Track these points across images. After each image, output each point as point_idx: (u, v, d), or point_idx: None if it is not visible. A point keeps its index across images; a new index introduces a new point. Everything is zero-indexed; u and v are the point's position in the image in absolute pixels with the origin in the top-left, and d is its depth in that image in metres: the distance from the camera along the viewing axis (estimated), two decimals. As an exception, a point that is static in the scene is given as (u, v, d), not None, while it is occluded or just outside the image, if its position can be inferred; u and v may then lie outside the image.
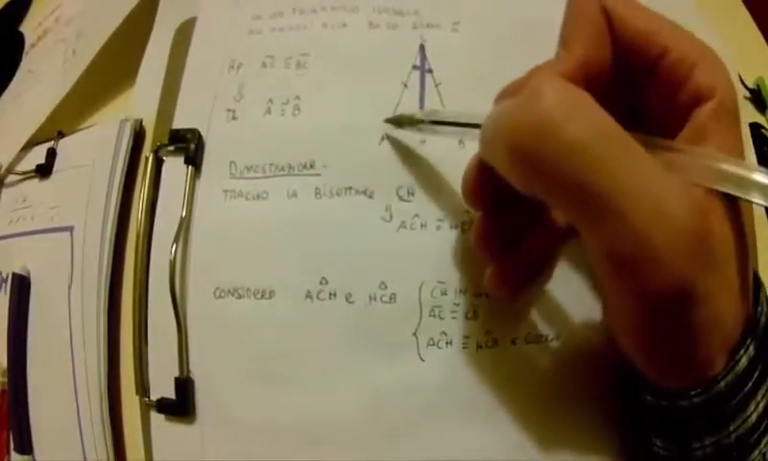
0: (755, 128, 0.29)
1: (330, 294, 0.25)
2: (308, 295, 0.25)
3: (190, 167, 0.26)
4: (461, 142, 0.26)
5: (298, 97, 0.26)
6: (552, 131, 0.15)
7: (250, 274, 0.25)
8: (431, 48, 0.27)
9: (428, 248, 0.25)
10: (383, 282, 0.25)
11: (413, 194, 0.25)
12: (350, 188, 0.25)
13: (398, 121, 0.25)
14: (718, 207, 0.17)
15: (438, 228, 0.25)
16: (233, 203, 0.26)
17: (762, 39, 0.32)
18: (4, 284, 0.32)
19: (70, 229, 0.30)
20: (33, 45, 0.38)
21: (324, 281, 0.25)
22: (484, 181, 0.20)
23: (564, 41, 0.20)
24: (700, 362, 0.17)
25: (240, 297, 0.25)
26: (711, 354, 0.17)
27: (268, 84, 0.27)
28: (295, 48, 0.27)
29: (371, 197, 0.25)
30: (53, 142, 0.33)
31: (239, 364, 0.25)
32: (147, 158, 0.27)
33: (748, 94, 0.30)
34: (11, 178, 0.34)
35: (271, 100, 0.27)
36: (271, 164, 0.26)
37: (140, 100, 0.29)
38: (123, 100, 0.33)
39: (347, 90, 0.26)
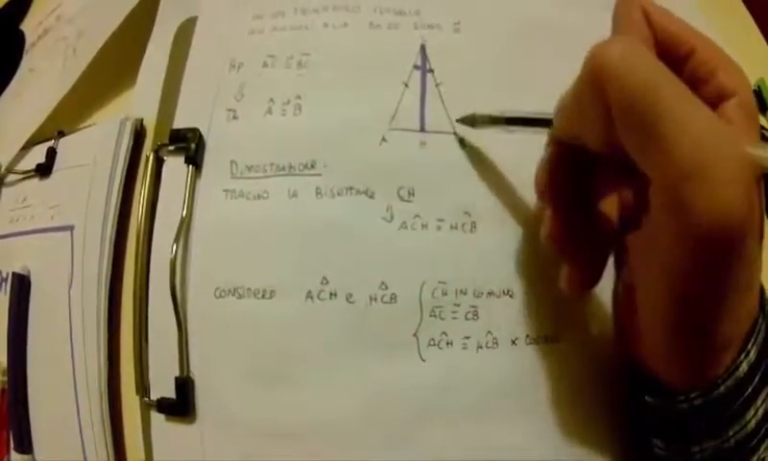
0: None
1: (331, 294, 0.25)
2: (309, 295, 0.25)
3: (191, 167, 0.26)
4: (462, 142, 0.26)
5: (299, 97, 0.26)
6: (636, 64, 0.17)
7: (250, 274, 0.25)
8: (432, 48, 0.27)
9: (429, 248, 0.25)
10: (383, 283, 0.25)
11: (413, 194, 0.25)
12: (351, 188, 0.25)
13: (472, 121, 0.25)
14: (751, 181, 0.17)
15: (438, 228, 0.25)
16: (234, 202, 0.26)
17: (763, 40, 0.32)
18: (4, 284, 0.32)
19: (70, 228, 0.30)
20: (33, 44, 0.38)
21: (324, 281, 0.25)
22: (557, 177, 0.22)
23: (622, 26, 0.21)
24: (717, 349, 0.18)
25: (240, 297, 0.25)
26: (728, 341, 0.18)
27: (269, 84, 0.27)
28: (296, 48, 0.27)
29: (371, 197, 0.25)
30: (53, 141, 0.33)
31: (239, 364, 0.25)
32: (147, 158, 0.27)
33: None
34: (11, 177, 0.34)
35: (272, 100, 0.27)
36: (272, 164, 0.26)
37: (141, 99, 0.29)
38: (123, 99, 0.33)
39: (348, 90, 0.27)
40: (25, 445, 0.30)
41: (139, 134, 0.30)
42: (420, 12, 0.27)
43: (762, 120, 0.30)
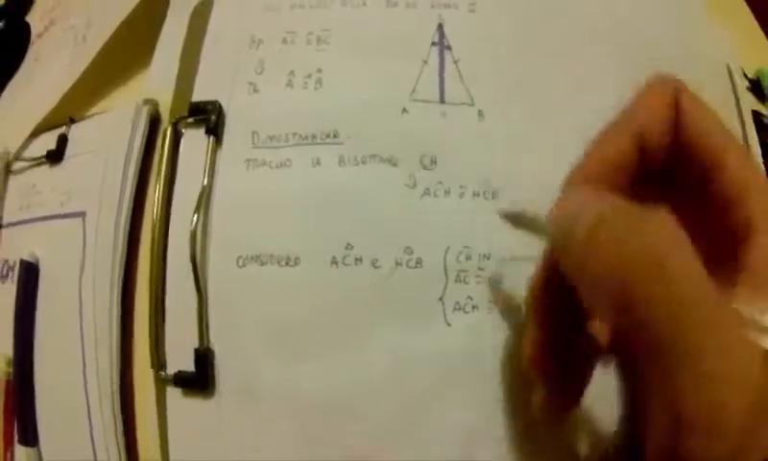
0: (756, 116, 0.30)
1: (356, 259, 0.25)
2: (333, 261, 0.25)
3: (211, 138, 0.26)
4: (480, 114, 0.27)
5: (320, 70, 0.27)
6: (662, 278, 0.14)
7: (273, 241, 0.25)
8: (449, 27, 0.28)
9: (452, 214, 0.25)
10: (408, 247, 0.25)
11: (435, 162, 0.26)
12: (374, 156, 0.26)
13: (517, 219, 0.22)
14: None
15: (461, 195, 0.26)
16: (256, 172, 0.26)
17: (761, 31, 0.33)
18: (11, 272, 0.31)
19: (82, 214, 0.29)
20: (39, 35, 0.37)
21: (349, 247, 0.25)
22: (544, 299, 0.20)
23: (630, 110, 0.19)
24: None
25: (263, 264, 0.25)
26: None
27: (289, 59, 0.27)
28: (315, 25, 0.28)
29: (395, 165, 0.26)
30: (64, 128, 0.32)
31: (261, 333, 0.25)
32: (165, 131, 0.27)
33: (748, 84, 0.32)
34: (20, 164, 0.33)
35: (292, 73, 0.27)
36: (294, 134, 0.26)
37: (157, 75, 0.29)
38: (132, 86, 0.33)
39: (368, 65, 0.27)
40: (30, 437, 0.29)
41: (155, 120, 0.30)
42: (437, -7, 0.28)
43: (762, 108, 0.31)
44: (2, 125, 0.36)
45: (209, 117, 0.26)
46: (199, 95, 0.28)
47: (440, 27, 0.28)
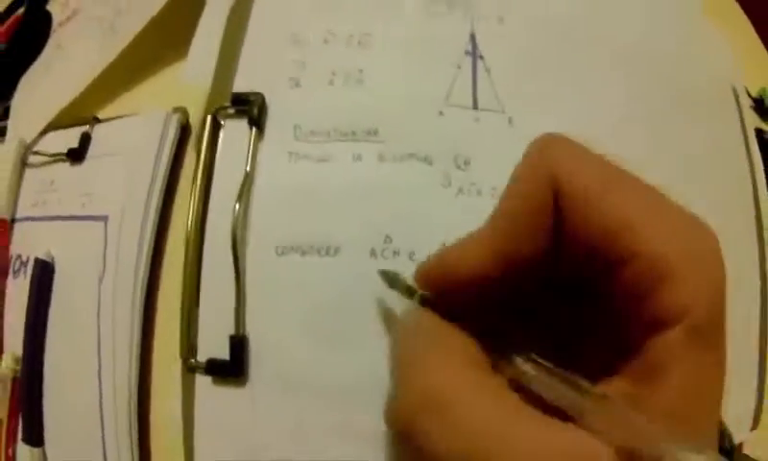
0: (759, 134, 0.32)
1: (394, 252, 0.25)
2: (372, 252, 0.25)
3: (254, 128, 0.27)
4: (510, 121, 0.28)
5: (360, 70, 0.28)
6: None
7: (314, 231, 0.26)
8: (481, 37, 0.29)
9: (484, 212, 0.26)
10: (443, 243, 0.26)
11: (468, 164, 0.27)
12: (413, 155, 0.27)
13: None
14: None
15: (492, 195, 0.27)
16: (298, 164, 0.26)
17: (764, 49, 0.36)
18: (23, 268, 0.31)
19: (104, 218, 0.29)
20: (61, 24, 0.37)
21: (388, 240, 0.26)
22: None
23: (493, 224, 0.17)
24: None
25: (304, 253, 0.25)
26: None
27: (331, 58, 0.28)
28: (356, 28, 0.29)
29: (430, 164, 0.27)
30: (88, 127, 0.32)
31: (298, 322, 0.25)
32: (205, 120, 0.27)
33: (752, 103, 0.34)
34: (37, 158, 0.33)
35: (334, 72, 0.28)
36: (335, 130, 0.27)
37: (194, 66, 0.29)
38: (158, 87, 0.33)
39: (407, 68, 0.28)
40: (35, 437, 0.28)
41: (185, 128, 0.30)
42: (468, 4, 0.30)
43: (765, 126, 0.33)
44: (20, 114, 0.36)
45: (252, 108, 0.27)
46: (239, 87, 0.28)
47: (472, 37, 0.29)
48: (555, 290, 0.17)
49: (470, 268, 0.16)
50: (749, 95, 0.33)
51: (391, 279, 0.23)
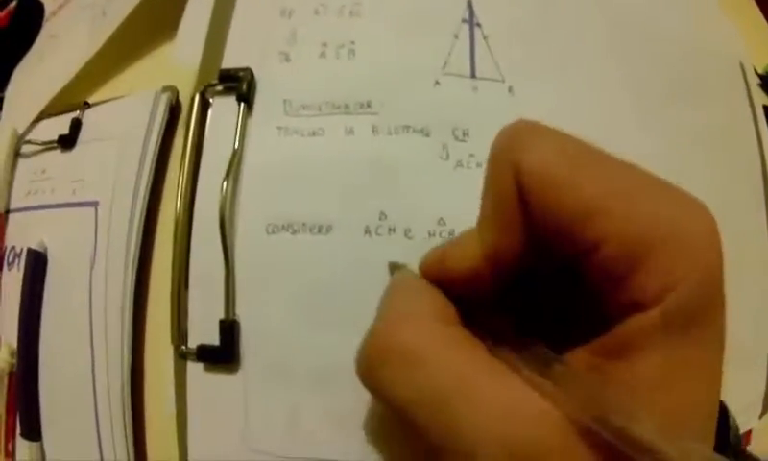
0: (767, 111, 0.31)
1: (389, 229, 0.24)
2: (367, 230, 0.24)
3: (242, 104, 0.26)
4: (510, 90, 0.27)
5: (353, 42, 0.27)
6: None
7: (305, 208, 0.24)
8: (478, 4, 0.28)
9: (485, 186, 0.25)
10: (442, 219, 0.24)
11: (468, 135, 0.26)
12: (408, 127, 0.25)
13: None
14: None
15: (493, 168, 0.25)
16: (288, 139, 0.25)
17: None
18: (17, 259, 0.30)
19: (94, 203, 0.28)
20: (54, 13, 0.37)
21: (382, 217, 0.24)
22: None
23: (478, 221, 0.16)
24: None
25: (295, 232, 0.24)
26: None
27: (322, 30, 0.27)
28: (347, -2, 0.28)
29: (427, 136, 0.25)
30: (78, 112, 0.31)
31: (290, 303, 0.24)
32: (193, 99, 0.27)
33: (759, 81, 0.32)
34: (29, 147, 0.32)
35: (325, 44, 0.27)
36: (327, 102, 0.26)
37: (184, 44, 0.28)
38: (148, 71, 0.32)
39: (401, 38, 0.27)
40: (33, 431, 0.28)
41: (174, 108, 0.29)
42: (465, -28, 0.29)
43: None
44: (13, 104, 0.35)
45: (240, 84, 0.26)
46: (228, 63, 0.27)
47: (469, 4, 0.28)
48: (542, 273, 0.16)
49: (464, 269, 0.16)
50: (756, 73, 0.32)
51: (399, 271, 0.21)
